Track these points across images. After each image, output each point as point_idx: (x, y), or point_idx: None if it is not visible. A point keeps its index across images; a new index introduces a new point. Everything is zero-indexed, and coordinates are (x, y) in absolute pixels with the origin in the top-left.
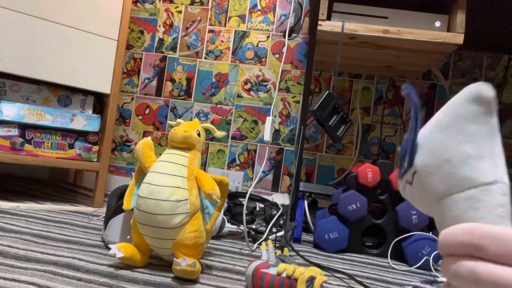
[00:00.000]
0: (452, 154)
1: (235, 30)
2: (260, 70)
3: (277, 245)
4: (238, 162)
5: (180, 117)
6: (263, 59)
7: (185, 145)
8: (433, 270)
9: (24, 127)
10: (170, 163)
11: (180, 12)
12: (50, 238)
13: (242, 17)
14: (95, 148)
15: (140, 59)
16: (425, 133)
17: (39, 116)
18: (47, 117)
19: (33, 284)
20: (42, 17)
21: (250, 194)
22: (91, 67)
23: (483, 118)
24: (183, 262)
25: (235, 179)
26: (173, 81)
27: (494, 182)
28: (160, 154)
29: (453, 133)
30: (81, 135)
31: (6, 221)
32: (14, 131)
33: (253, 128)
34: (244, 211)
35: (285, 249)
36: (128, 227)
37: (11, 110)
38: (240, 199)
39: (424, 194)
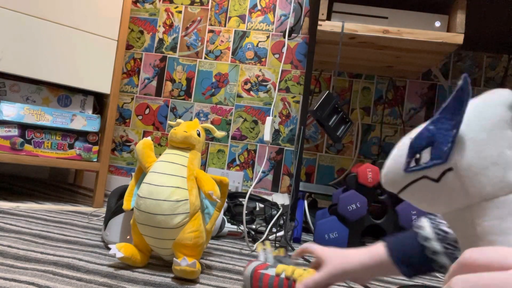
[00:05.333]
0: (499, 157)
1: (235, 30)
2: (260, 70)
3: (276, 245)
4: (238, 162)
5: (180, 117)
6: (263, 59)
7: (185, 145)
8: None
9: (24, 127)
10: (170, 163)
11: (180, 12)
12: (50, 238)
13: (242, 17)
14: (95, 148)
15: (140, 59)
16: (463, 131)
17: (39, 116)
18: (47, 117)
19: (33, 284)
20: (42, 17)
21: (250, 194)
22: (91, 67)
23: None
24: (183, 262)
25: (235, 179)
26: (173, 81)
27: None
28: (160, 154)
29: (496, 136)
30: (81, 135)
31: (6, 221)
32: (14, 131)
33: (253, 128)
34: (244, 211)
35: (281, 249)
36: (128, 227)
37: (11, 110)
38: (240, 199)
39: (457, 193)
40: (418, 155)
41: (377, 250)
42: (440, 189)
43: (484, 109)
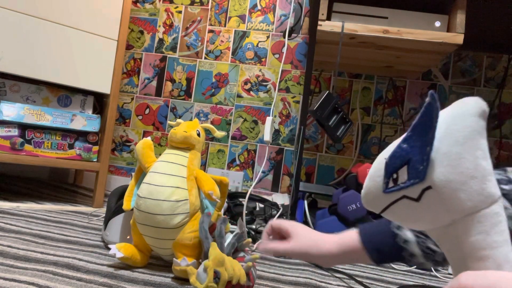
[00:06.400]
0: (476, 170)
1: (235, 30)
2: (260, 70)
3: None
4: (238, 162)
5: (180, 117)
6: (263, 59)
7: (185, 145)
8: (433, 270)
9: (24, 127)
10: (170, 163)
11: (180, 12)
12: (50, 238)
13: (242, 17)
14: (95, 148)
15: (140, 59)
16: (437, 146)
17: (39, 116)
18: (47, 117)
19: (33, 284)
20: (42, 17)
21: (250, 194)
22: (91, 67)
23: (485, 133)
24: (183, 262)
25: (235, 179)
26: (173, 81)
27: (500, 195)
28: (160, 154)
29: (471, 148)
30: (81, 135)
31: (6, 221)
32: (14, 131)
33: (253, 128)
34: (244, 211)
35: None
36: (128, 227)
37: (11, 110)
38: (240, 199)
39: (439, 211)
40: (395, 175)
41: (349, 238)
42: (421, 208)
43: (455, 122)
